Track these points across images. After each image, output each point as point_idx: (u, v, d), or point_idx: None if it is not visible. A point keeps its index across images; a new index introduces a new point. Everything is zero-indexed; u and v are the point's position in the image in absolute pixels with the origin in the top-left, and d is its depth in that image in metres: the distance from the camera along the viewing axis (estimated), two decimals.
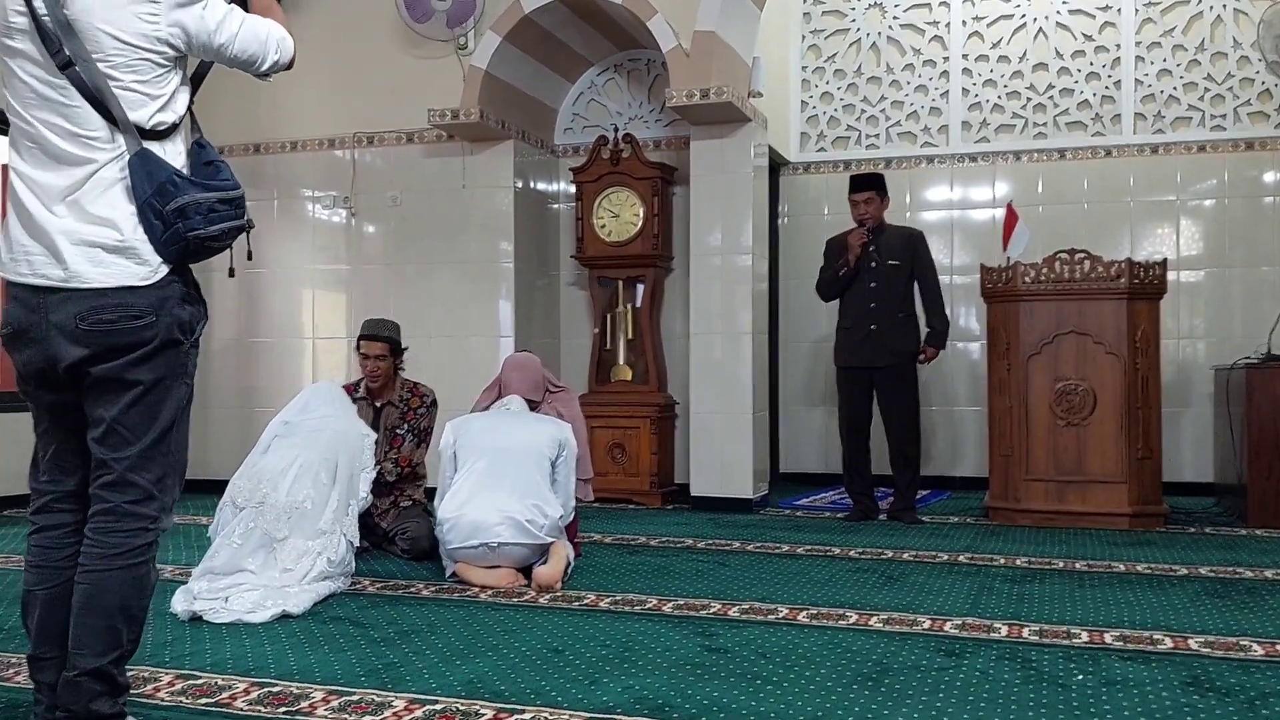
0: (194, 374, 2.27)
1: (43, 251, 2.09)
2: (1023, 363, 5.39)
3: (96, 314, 2.07)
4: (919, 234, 5.74)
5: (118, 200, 2.11)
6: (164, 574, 4.09)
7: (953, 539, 4.98)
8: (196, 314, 2.24)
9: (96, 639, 2.07)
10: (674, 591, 3.80)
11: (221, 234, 2.18)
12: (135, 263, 2.11)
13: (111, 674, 2.08)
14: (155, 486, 2.15)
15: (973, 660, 2.90)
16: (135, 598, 2.13)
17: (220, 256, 2.35)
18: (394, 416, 4.74)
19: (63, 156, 2.10)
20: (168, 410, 2.16)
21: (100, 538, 2.10)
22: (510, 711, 2.47)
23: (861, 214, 5.60)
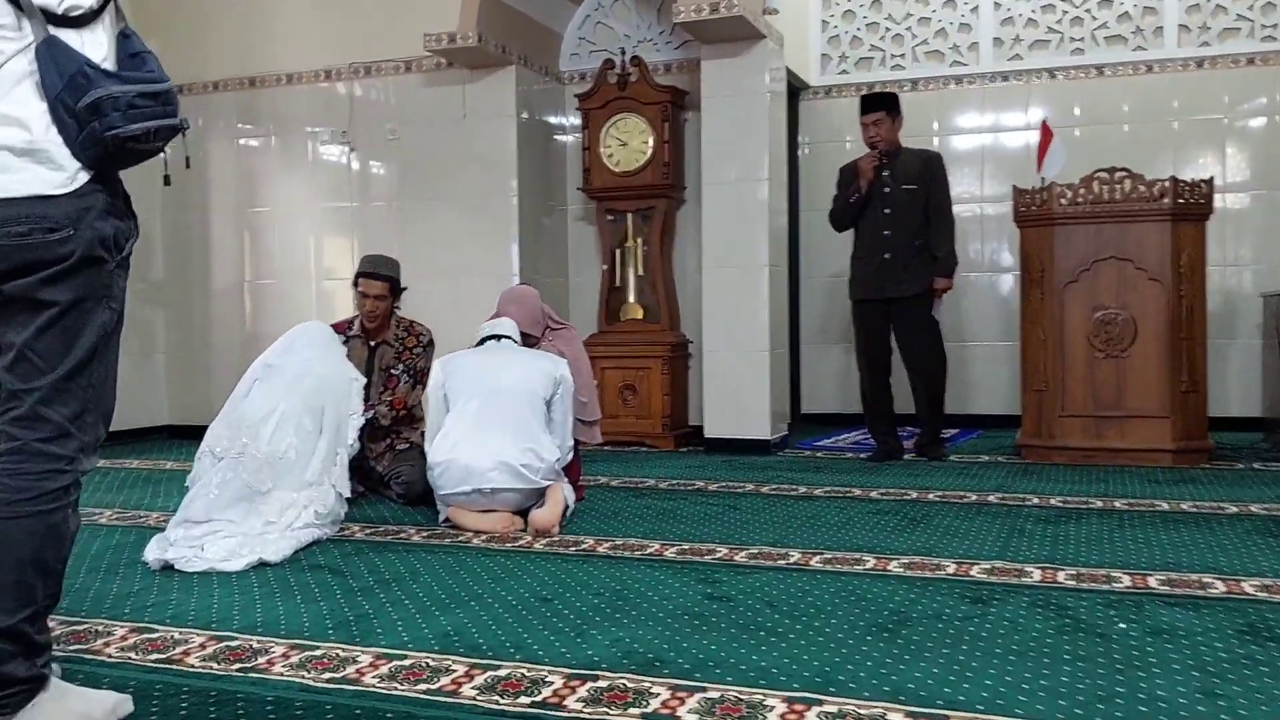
0: (122, 298, 2.00)
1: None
2: (1058, 291, 5.06)
3: (5, 225, 1.82)
4: (936, 155, 5.39)
5: (27, 97, 1.85)
6: (148, 521, 3.90)
7: (982, 478, 4.69)
8: (125, 229, 1.98)
9: (6, 594, 1.81)
10: (678, 536, 3.55)
11: (146, 134, 1.89)
12: (49, 168, 1.85)
13: (25, 632, 1.83)
14: (72, 423, 1.89)
15: (1001, 608, 2.63)
16: (50, 548, 1.87)
17: (154, 163, 2.09)
18: (389, 356, 4.49)
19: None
20: (87, 336, 1.90)
21: (8, 480, 1.84)
22: (484, 667, 2.22)
23: (871, 136, 5.27)
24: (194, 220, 6.86)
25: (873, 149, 5.25)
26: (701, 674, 2.17)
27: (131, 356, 6.67)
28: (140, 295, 6.78)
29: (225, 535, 3.24)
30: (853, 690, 2.07)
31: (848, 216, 5.38)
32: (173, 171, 2.27)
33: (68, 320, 1.88)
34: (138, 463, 5.57)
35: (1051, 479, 4.62)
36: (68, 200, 1.86)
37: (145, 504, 4.30)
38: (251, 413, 3.56)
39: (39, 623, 1.87)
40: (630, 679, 2.14)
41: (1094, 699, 1.99)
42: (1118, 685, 2.06)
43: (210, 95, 6.80)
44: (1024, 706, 1.96)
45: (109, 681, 2.13)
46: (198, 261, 6.87)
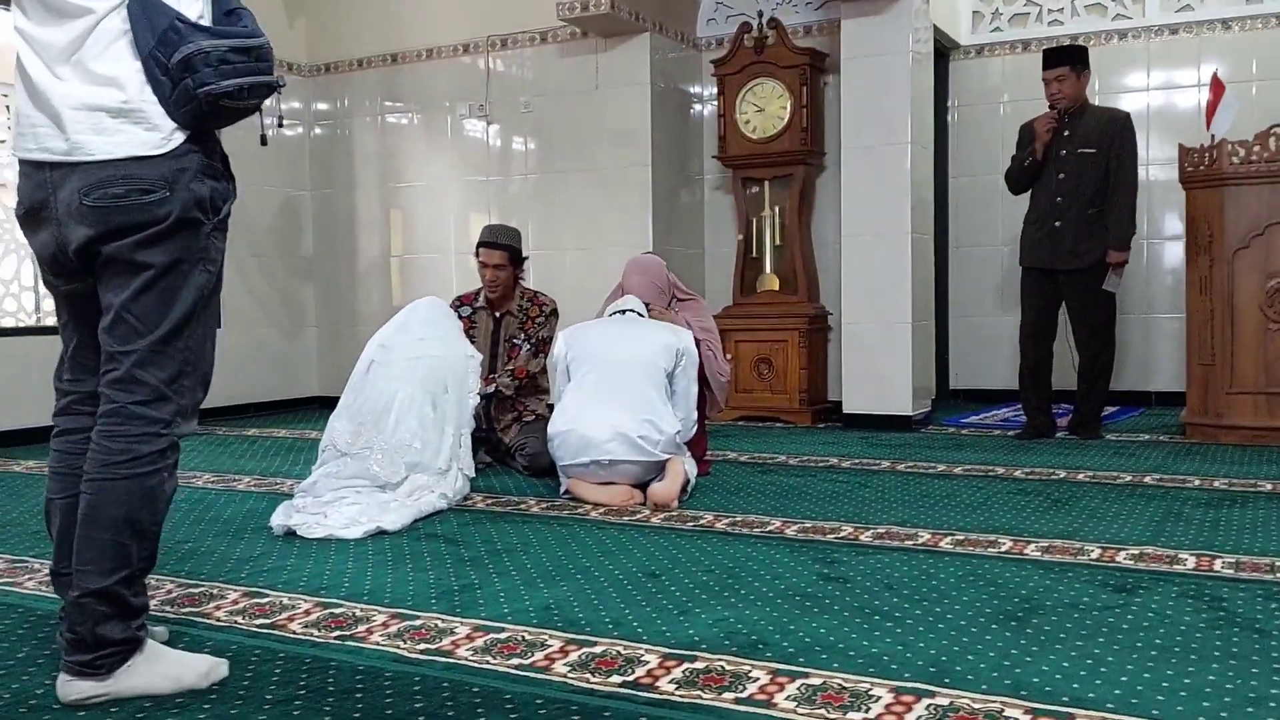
0: (220, 260, 1.99)
1: (46, 122, 1.85)
2: (1228, 258, 4.67)
3: (102, 188, 1.82)
4: (1125, 116, 4.97)
5: (121, 55, 1.84)
6: (283, 488, 3.98)
7: (1140, 458, 4.38)
8: (222, 190, 1.97)
9: (102, 555, 1.83)
10: (801, 513, 3.41)
11: (239, 90, 1.86)
12: (144, 128, 1.84)
13: (120, 595, 1.85)
14: (168, 386, 1.89)
15: (1147, 598, 2.41)
16: (145, 510, 1.87)
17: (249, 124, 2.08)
18: (513, 326, 4.48)
19: (63, 7, 1.83)
20: (184, 299, 1.89)
21: (105, 442, 1.86)
22: (580, 644, 2.15)
23: (1053, 94, 4.94)
24: (341, 197, 7.03)
25: (1053, 108, 4.94)
26: (806, 658, 2.05)
27: (283, 330, 6.90)
28: (291, 270, 7.00)
29: (350, 503, 3.27)
30: (970, 682, 1.91)
31: (1023, 179, 5.09)
32: (268, 131, 2.25)
33: (164, 283, 1.87)
34: (284, 431, 5.75)
35: (1217, 460, 4.28)
36: (163, 161, 1.85)
37: (284, 471, 4.41)
38: (370, 407, 3.56)
39: (135, 585, 1.88)
40: (729, 661, 2.04)
41: (1243, 701, 1.79)
42: (1272, 688, 1.85)
43: (354, 73, 6.94)
44: (1161, 707, 1.77)
45: (211, 645, 2.16)
46: (345, 237, 7.04)
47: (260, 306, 6.75)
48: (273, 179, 6.84)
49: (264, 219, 6.79)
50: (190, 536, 3.21)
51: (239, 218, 6.67)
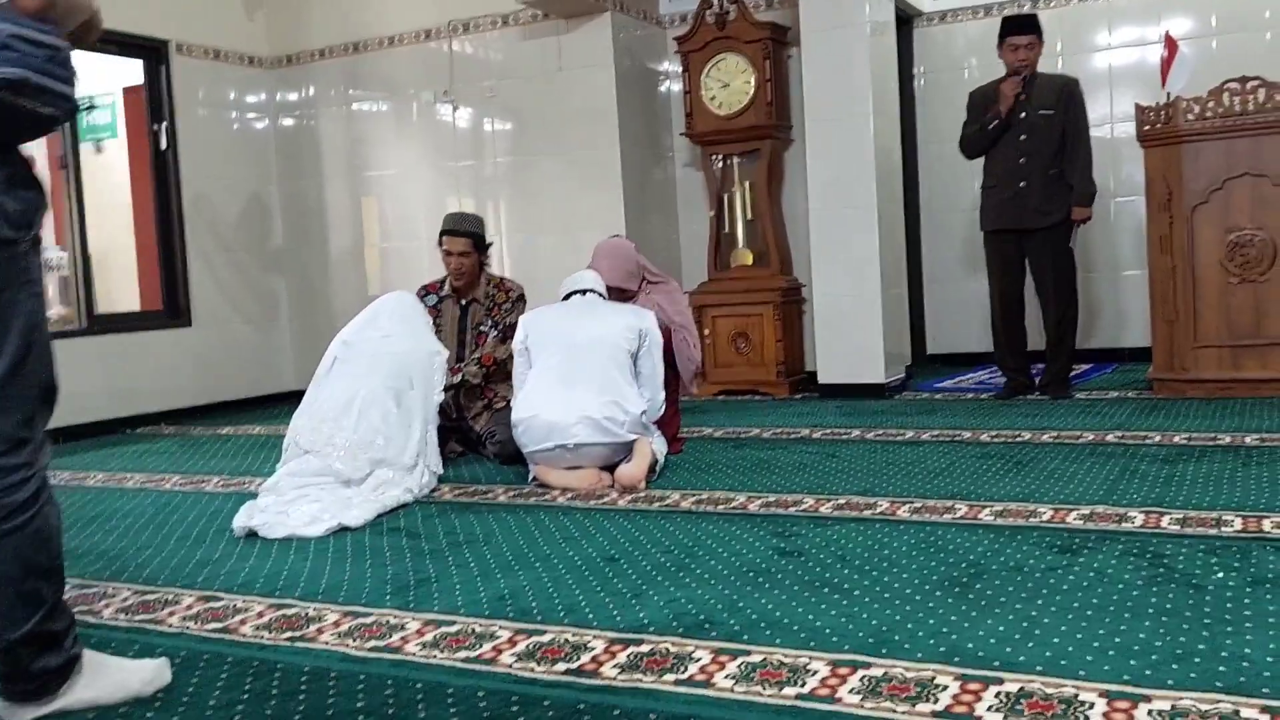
0: (41, 279, 1.80)
1: None
2: (1187, 214, 4.68)
3: None
4: (1074, 81, 5.06)
5: None
6: (251, 487, 4.00)
7: (1105, 416, 4.41)
8: (31, 201, 1.75)
9: (14, 607, 1.75)
10: (767, 487, 3.44)
11: (22, 83, 1.63)
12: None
13: (44, 631, 1.79)
14: (22, 429, 1.74)
15: (1090, 557, 2.44)
16: (41, 554, 1.77)
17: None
18: (480, 313, 4.49)
19: None
20: (16, 331, 1.72)
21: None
22: (528, 633, 2.18)
23: (1021, 60, 4.98)
24: (310, 188, 7.01)
25: (1017, 74, 4.97)
26: (750, 635, 2.08)
27: (256, 325, 6.91)
28: (261, 264, 7.00)
29: (311, 500, 3.30)
30: (906, 651, 1.94)
31: (983, 143, 5.12)
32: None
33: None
34: (260, 428, 5.76)
35: (1181, 415, 4.31)
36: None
37: (255, 470, 4.43)
38: (331, 403, 3.59)
39: (55, 614, 1.82)
40: (675, 643, 2.07)
41: (1170, 658, 1.82)
42: (1200, 643, 1.88)
43: (317, 64, 6.91)
44: (1088, 667, 1.80)
45: (162, 651, 2.18)
46: (315, 228, 7.04)
47: (231, 302, 6.75)
48: (239, 172, 6.82)
49: (231, 213, 6.78)
50: (151, 543, 3.22)
51: (208, 212, 6.69)
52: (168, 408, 6.24)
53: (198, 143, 6.54)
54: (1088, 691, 1.71)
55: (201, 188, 6.54)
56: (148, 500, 3.90)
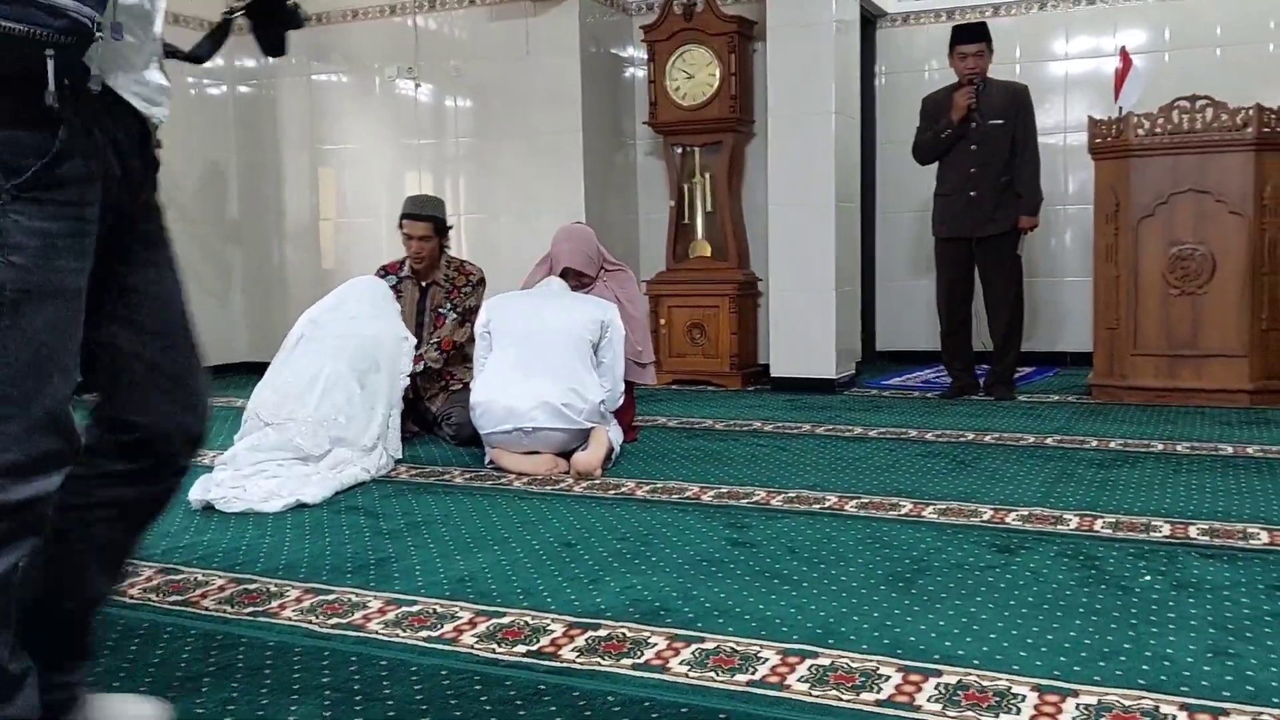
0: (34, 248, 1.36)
1: None
2: (1133, 226, 4.83)
3: None
4: (1024, 88, 5.19)
5: None
6: (204, 459, 4.01)
7: (1046, 419, 4.55)
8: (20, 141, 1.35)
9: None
10: (719, 479, 3.53)
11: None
12: None
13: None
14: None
15: (1027, 557, 2.55)
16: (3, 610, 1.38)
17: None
18: (439, 296, 4.52)
19: None
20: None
21: None
22: (488, 615, 2.25)
23: (972, 68, 5.09)
24: (268, 159, 6.97)
25: (970, 82, 5.08)
26: (704, 623, 2.16)
27: (210, 294, 6.87)
28: (217, 234, 6.95)
29: (268, 476, 3.33)
30: (851, 643, 2.04)
31: (936, 151, 5.25)
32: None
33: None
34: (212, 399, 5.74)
35: (1118, 420, 4.46)
36: None
37: (208, 442, 4.42)
38: (295, 379, 3.61)
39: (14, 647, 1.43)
40: (631, 628, 2.14)
41: (1098, 655, 1.93)
42: (1126, 642, 1.99)
43: None
44: (1022, 662, 1.91)
45: (124, 622, 2.21)
46: (272, 200, 7.00)
47: (186, 270, 6.67)
48: (197, 140, 6.76)
49: (188, 181, 6.73)
50: None
51: (165, 179, 6.63)
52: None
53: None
54: (1020, 685, 1.81)
55: (160, 154, 6.46)
56: None
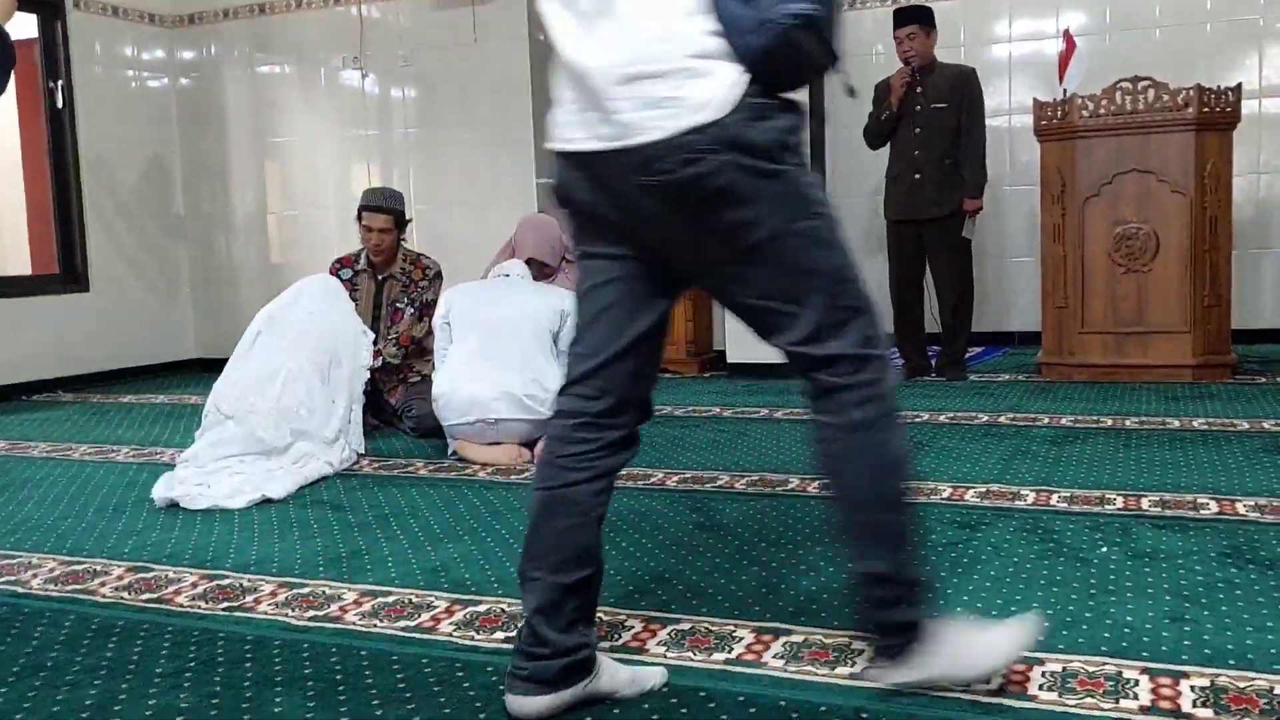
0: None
1: None
2: (1079, 206, 4.94)
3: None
4: (971, 72, 5.26)
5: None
6: (163, 458, 3.99)
7: (998, 398, 4.65)
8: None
9: (873, 539, 1.69)
10: (684, 464, 3.57)
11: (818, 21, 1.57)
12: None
13: (894, 575, 1.68)
14: (863, 347, 1.66)
15: (988, 533, 2.62)
16: (893, 477, 1.70)
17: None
18: (396, 290, 4.51)
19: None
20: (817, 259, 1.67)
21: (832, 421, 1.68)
22: (464, 603, 2.27)
23: (905, 51, 5.16)
24: (213, 152, 6.88)
25: (907, 64, 5.15)
26: (678, 605, 2.20)
27: (156, 291, 6.78)
28: (162, 229, 6.86)
29: (232, 473, 3.31)
30: (823, 620, 2.08)
31: (881, 134, 5.32)
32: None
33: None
34: (163, 397, 5.68)
35: (1068, 398, 4.57)
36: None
37: (164, 440, 4.39)
38: (255, 373, 3.59)
39: (909, 564, 1.71)
40: (607, 611, 2.17)
41: (1060, 625, 1.99)
42: (1087, 611, 2.06)
43: (221, 24, 6.77)
44: None
45: (98, 621, 2.20)
46: (218, 194, 6.91)
47: (130, 266, 6.60)
48: (139, 133, 6.66)
49: (131, 175, 6.63)
50: (69, 512, 3.20)
51: (106, 174, 6.51)
52: (64, 374, 6.09)
53: (95, 102, 6.37)
54: None
55: (100, 149, 6.38)
56: (57, 470, 3.85)
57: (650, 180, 1.57)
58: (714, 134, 1.53)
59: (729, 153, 1.54)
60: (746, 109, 1.55)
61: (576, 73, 1.60)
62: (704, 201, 1.58)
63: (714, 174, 1.55)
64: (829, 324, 1.64)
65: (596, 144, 1.60)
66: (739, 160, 1.55)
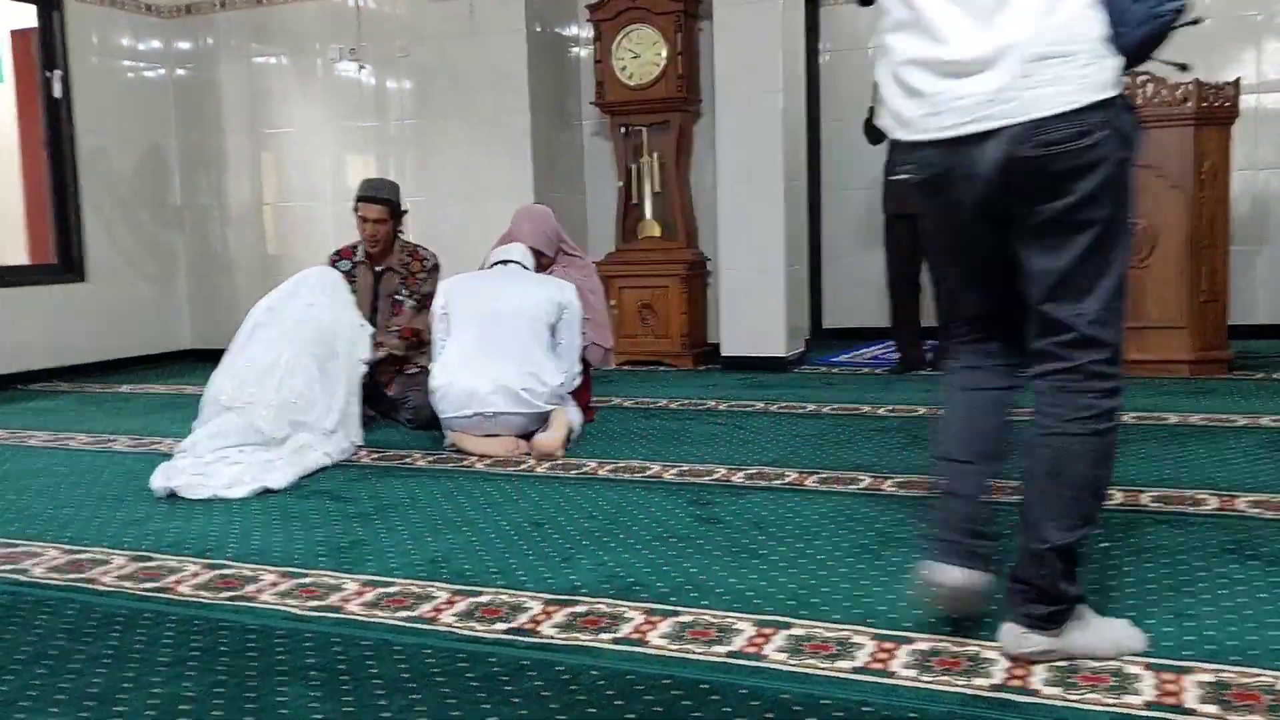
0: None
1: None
2: None
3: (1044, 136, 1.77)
4: None
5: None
6: (161, 447, 3.98)
7: None
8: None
9: (1065, 512, 1.82)
10: (680, 457, 3.57)
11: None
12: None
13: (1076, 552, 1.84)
14: (1116, 346, 1.88)
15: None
16: (1104, 469, 1.85)
17: None
18: (394, 282, 4.50)
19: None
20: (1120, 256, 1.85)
21: (1067, 398, 1.84)
22: (466, 594, 2.27)
23: None
24: (210, 143, 6.86)
25: None
26: (678, 598, 2.21)
27: (152, 281, 6.77)
28: (158, 219, 6.84)
29: (231, 463, 3.31)
30: (824, 613, 2.09)
31: (878, 131, 5.31)
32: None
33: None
34: (161, 387, 5.67)
35: None
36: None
37: (162, 430, 4.38)
38: (254, 364, 3.59)
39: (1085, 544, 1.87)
40: (608, 604, 2.18)
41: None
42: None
43: (218, 14, 6.75)
44: (990, 628, 1.97)
45: (100, 610, 2.21)
46: (215, 184, 6.89)
47: (126, 257, 6.58)
48: (136, 124, 6.64)
49: (128, 166, 6.61)
50: (70, 501, 3.20)
51: (103, 164, 6.49)
52: (61, 364, 6.08)
53: (93, 92, 6.34)
54: (990, 650, 1.88)
55: (97, 139, 6.36)
56: (56, 459, 3.85)
57: (1039, 151, 1.74)
58: (1104, 114, 1.73)
59: (1110, 131, 1.73)
60: (1122, 96, 1.77)
61: (967, 61, 1.76)
62: (1074, 172, 1.74)
63: (1095, 147, 1.73)
64: (1104, 312, 1.82)
65: (989, 124, 1.76)
66: (1115, 141, 1.74)
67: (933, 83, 1.82)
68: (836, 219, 6.97)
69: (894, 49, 1.87)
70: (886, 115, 1.93)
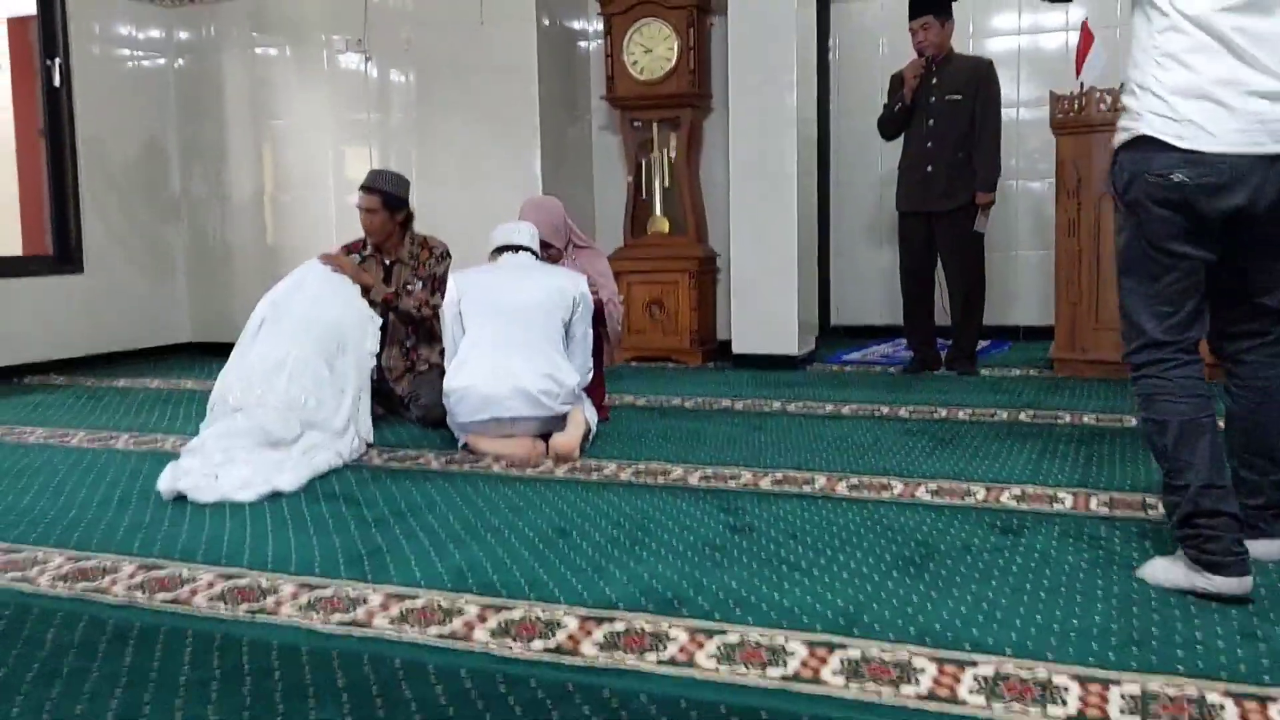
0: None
1: None
2: (1095, 201, 4.86)
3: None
4: (988, 64, 5.18)
5: None
6: (164, 446, 3.87)
7: (1014, 394, 4.57)
8: None
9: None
10: (703, 459, 3.47)
11: None
12: None
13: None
14: None
15: (1031, 538, 2.54)
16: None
17: None
18: (405, 274, 4.38)
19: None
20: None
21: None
22: (497, 608, 2.17)
23: (920, 42, 5.08)
24: (210, 132, 6.73)
25: (921, 55, 5.06)
26: (721, 614, 2.11)
27: (149, 273, 6.64)
28: (157, 210, 6.71)
29: (241, 464, 3.19)
30: (877, 632, 1.99)
31: (894, 126, 5.24)
32: None
33: None
34: (158, 382, 5.55)
35: (1084, 394, 4.50)
36: None
37: (164, 427, 4.27)
38: (261, 363, 3.49)
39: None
40: (648, 620, 2.08)
41: (1128, 641, 1.91)
42: (1152, 626, 1.98)
43: (220, 4, 6.62)
44: (1055, 650, 1.88)
45: (112, 624, 2.09)
46: (215, 175, 6.77)
47: (123, 248, 6.44)
48: (136, 114, 6.51)
49: (127, 156, 6.47)
50: (74, 503, 3.09)
51: (101, 154, 6.36)
52: (56, 356, 5.95)
53: (92, 81, 6.21)
54: (1060, 674, 1.78)
55: (96, 128, 6.23)
56: (56, 457, 3.73)
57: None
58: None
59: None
60: None
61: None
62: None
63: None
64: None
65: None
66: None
67: (1245, 102, 2.04)
68: (845, 215, 6.88)
69: (1196, 67, 2.06)
70: (1167, 122, 2.08)
